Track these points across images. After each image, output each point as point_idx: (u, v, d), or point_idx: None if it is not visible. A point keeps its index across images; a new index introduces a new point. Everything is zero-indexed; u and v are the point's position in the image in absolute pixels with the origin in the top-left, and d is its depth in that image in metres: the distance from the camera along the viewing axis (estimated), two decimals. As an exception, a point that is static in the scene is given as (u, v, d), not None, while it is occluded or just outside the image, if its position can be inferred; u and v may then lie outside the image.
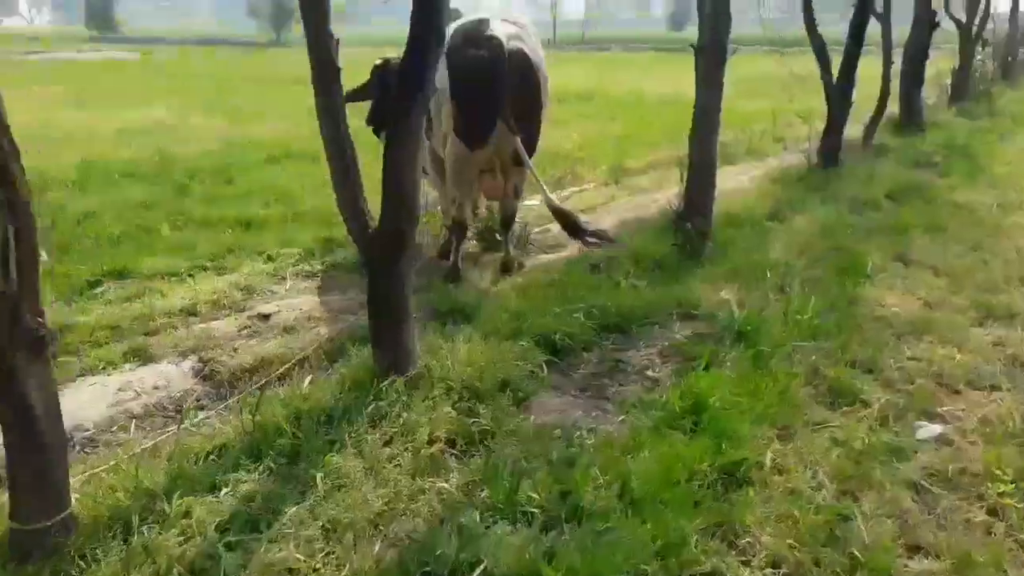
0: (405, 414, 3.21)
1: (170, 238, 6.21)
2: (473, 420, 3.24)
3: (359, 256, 4.56)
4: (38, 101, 17.15)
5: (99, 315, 4.59)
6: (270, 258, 5.81)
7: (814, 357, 3.92)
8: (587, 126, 13.10)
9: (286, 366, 3.80)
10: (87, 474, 2.84)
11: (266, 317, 4.73)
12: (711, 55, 5.49)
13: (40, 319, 2.35)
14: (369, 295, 3.46)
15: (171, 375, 3.90)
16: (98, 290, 5.07)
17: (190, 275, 5.41)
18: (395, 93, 3.22)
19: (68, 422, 3.37)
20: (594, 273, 5.15)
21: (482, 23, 4.64)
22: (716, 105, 5.55)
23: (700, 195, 5.75)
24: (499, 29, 4.60)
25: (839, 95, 8.44)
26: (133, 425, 3.45)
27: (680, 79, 5.76)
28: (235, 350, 4.18)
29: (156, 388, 3.78)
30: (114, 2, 68.43)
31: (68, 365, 4.02)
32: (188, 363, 4.03)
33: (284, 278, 5.44)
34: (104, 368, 3.99)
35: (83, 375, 3.94)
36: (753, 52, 14.60)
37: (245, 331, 4.52)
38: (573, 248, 5.95)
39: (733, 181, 8.13)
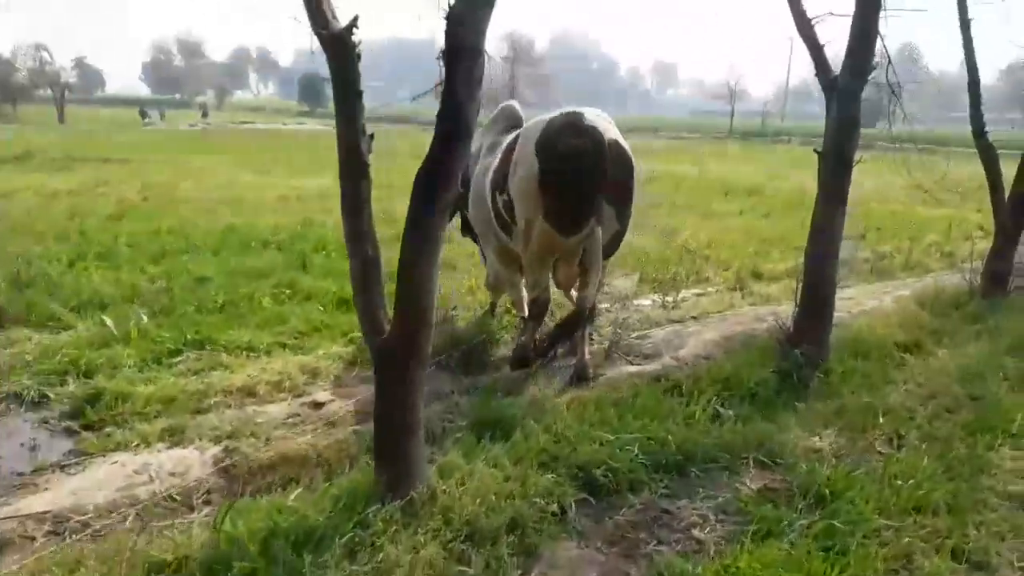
0: (386, 549, 2.86)
1: (268, 311, 6.32)
2: (460, 569, 2.83)
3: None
4: (229, 166, 18.97)
5: (161, 386, 4.64)
6: (351, 341, 5.73)
7: (908, 540, 3.17)
8: (735, 223, 12.44)
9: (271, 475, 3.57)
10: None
11: (319, 406, 4.60)
12: (834, 163, 4.89)
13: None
14: (376, 404, 3.19)
15: (192, 462, 3.80)
16: (176, 359, 5.17)
17: (268, 352, 5.42)
18: (417, 191, 3.00)
19: (71, 502, 3.35)
20: (671, 395, 4.59)
21: (575, 114, 4.59)
22: (835, 219, 4.91)
23: (812, 320, 5.07)
24: (595, 120, 4.56)
25: (1016, 208, 7.22)
26: (132, 515, 3.33)
27: (857, 180, 5.17)
28: (268, 441, 4.03)
29: (172, 474, 3.68)
30: (323, 83, 75.87)
31: (108, 437, 4.05)
32: (214, 450, 3.91)
33: (356, 363, 5.32)
34: (137, 445, 3.97)
35: (116, 449, 3.93)
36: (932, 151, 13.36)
37: (292, 419, 4.39)
38: (667, 359, 5.44)
39: (875, 300, 7.23)
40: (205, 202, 12.30)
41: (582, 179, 4.42)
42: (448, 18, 2.78)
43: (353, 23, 2.97)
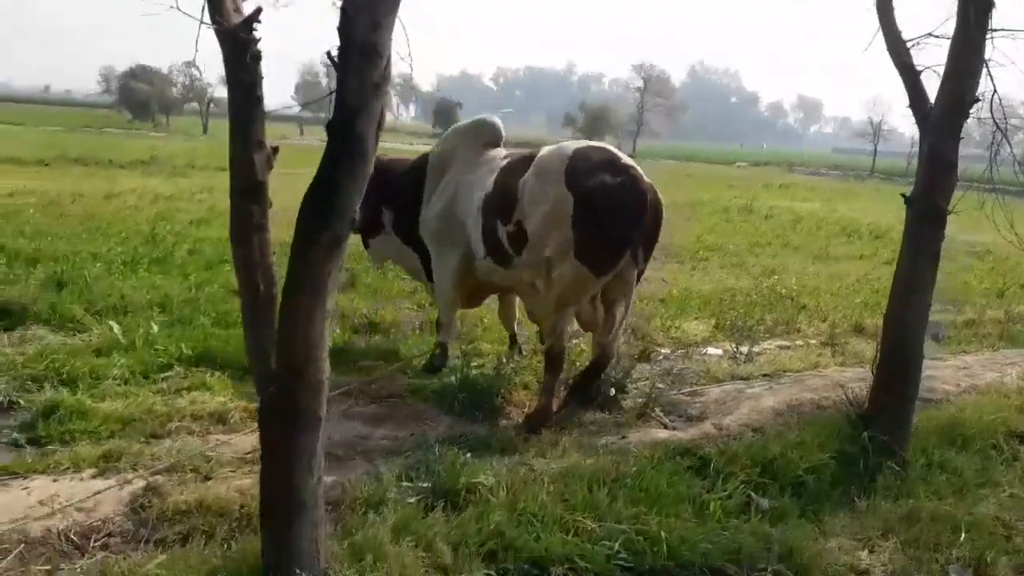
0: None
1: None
2: None
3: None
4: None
5: (128, 403, 4.26)
6: (365, 370, 5.21)
7: None
8: (851, 268, 11.13)
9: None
10: None
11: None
12: (924, 211, 3.92)
13: None
14: (261, 472, 2.60)
15: (107, 497, 3.33)
16: (165, 374, 4.80)
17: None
18: (301, 219, 2.41)
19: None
20: (694, 475, 3.75)
21: (605, 149, 4.43)
22: (924, 275, 3.92)
23: (890, 394, 4.10)
24: (626, 158, 4.40)
25: None
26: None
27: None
28: (204, 479, 3.54)
29: (79, 509, 3.23)
30: (458, 107, 77.87)
31: (43, 457, 3.68)
32: (137, 486, 3.44)
33: (353, 394, 4.77)
34: (66, 469, 3.56)
35: (44, 471, 3.54)
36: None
37: (252, 454, 3.87)
38: (709, 426, 4.57)
39: (995, 372, 5.99)
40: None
41: (624, 216, 4.16)
42: (343, 7, 2.20)
43: (254, 16, 2.42)
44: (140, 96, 45.18)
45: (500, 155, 4.98)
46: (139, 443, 3.86)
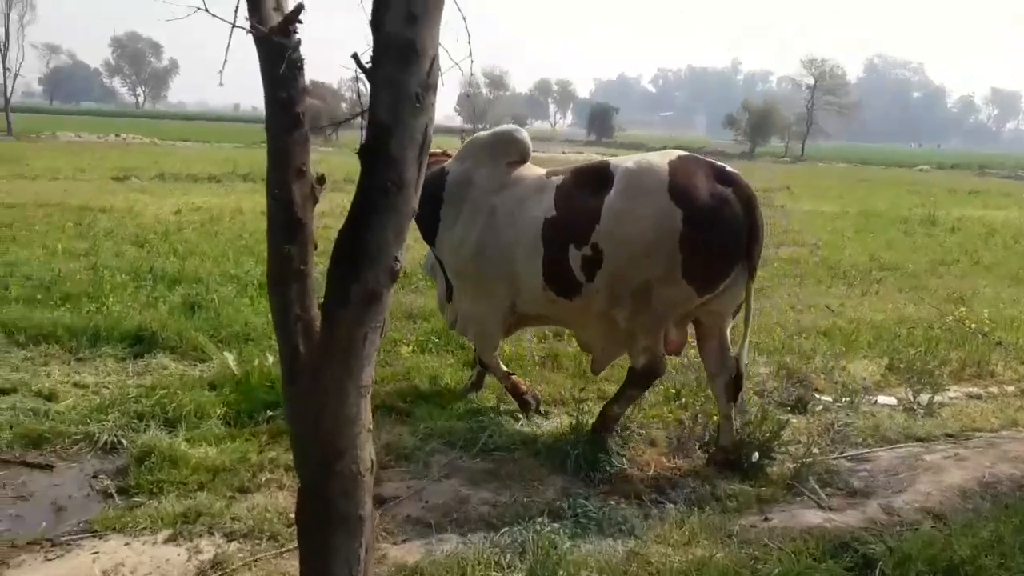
0: None
1: (407, 359, 5.64)
2: None
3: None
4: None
5: (222, 450, 4.07)
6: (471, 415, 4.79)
7: None
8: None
9: None
10: None
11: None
12: None
13: None
14: (300, 572, 2.19)
15: (172, 569, 3.08)
16: (271, 413, 4.59)
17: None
18: (332, 271, 1.97)
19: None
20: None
21: (697, 158, 4.17)
22: None
23: None
24: (722, 164, 4.13)
25: None
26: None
27: None
28: (279, 553, 3.21)
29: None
30: (615, 112, 77.16)
31: (127, 511, 3.50)
32: (204, 556, 3.16)
33: (457, 444, 4.35)
34: (143, 529, 3.36)
35: (120, 530, 3.35)
36: None
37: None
38: (876, 506, 3.75)
39: None
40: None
41: (738, 227, 3.91)
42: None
43: (292, 16, 2.01)
44: (312, 111, 47.67)
45: (539, 172, 4.54)
46: (223, 499, 3.62)
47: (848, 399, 5.36)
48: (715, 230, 3.87)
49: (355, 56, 2.02)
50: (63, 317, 5.99)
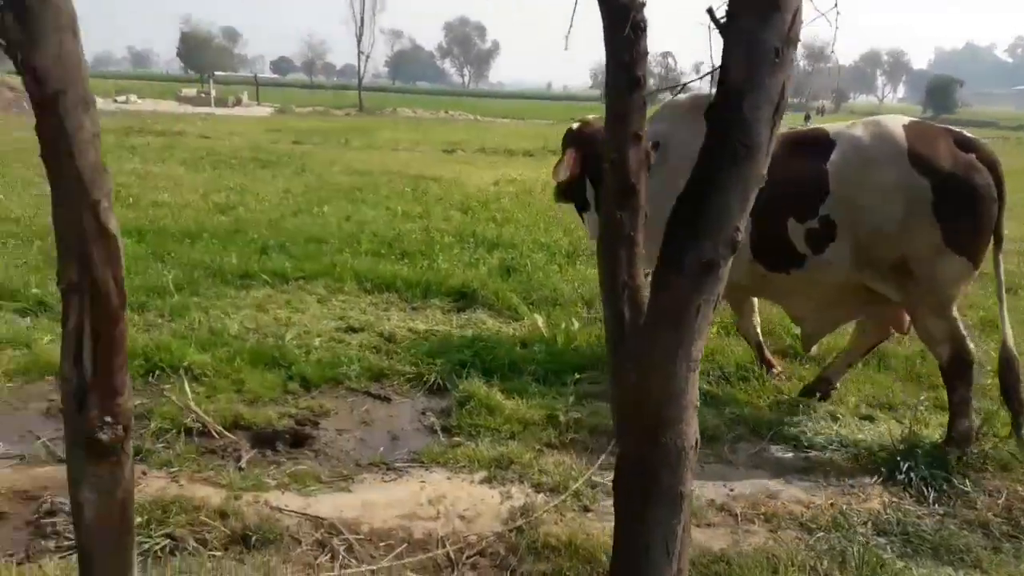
0: None
1: (710, 340, 5.45)
2: None
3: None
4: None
5: (530, 405, 4.24)
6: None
7: None
8: None
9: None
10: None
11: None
12: None
13: (111, 418, 2.06)
14: (614, 544, 2.16)
15: (488, 509, 3.26)
16: (579, 376, 4.67)
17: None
18: (668, 236, 1.87)
19: (354, 515, 3.19)
20: None
21: (926, 123, 4.05)
22: None
23: None
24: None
25: None
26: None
27: None
28: (584, 511, 3.28)
29: (461, 517, 3.21)
30: (959, 85, 67.60)
31: (450, 449, 3.81)
32: (515, 502, 3.31)
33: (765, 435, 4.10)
34: (462, 467, 3.62)
35: (444, 464, 3.65)
36: None
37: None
38: None
39: None
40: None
41: (991, 195, 3.75)
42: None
43: None
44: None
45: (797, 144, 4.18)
46: (532, 451, 3.78)
47: None
48: (970, 200, 3.71)
49: (710, 11, 1.91)
50: (401, 270, 6.72)
